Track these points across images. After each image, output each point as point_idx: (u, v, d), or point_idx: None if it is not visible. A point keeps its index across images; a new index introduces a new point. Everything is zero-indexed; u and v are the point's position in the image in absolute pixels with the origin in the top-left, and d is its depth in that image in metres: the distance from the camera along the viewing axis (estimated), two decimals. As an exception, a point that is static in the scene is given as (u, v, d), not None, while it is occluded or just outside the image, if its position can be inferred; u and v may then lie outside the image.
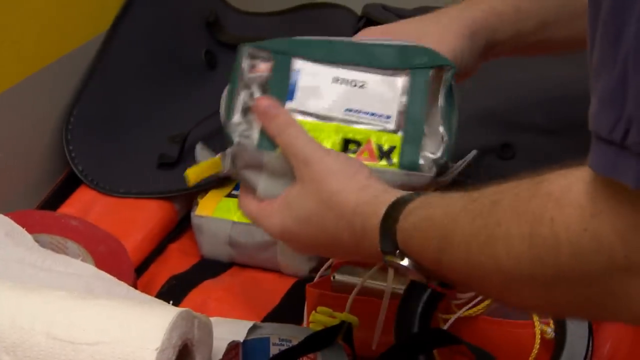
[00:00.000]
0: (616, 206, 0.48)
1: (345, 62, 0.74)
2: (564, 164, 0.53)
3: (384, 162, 0.72)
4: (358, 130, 0.73)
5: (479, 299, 0.81)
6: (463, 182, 1.01)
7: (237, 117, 0.74)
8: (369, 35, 0.80)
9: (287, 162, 0.72)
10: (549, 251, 0.51)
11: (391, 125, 0.73)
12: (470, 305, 0.80)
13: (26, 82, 1.03)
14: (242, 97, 0.74)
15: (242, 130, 0.74)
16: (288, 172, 0.72)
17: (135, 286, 0.89)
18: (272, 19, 1.32)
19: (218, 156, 0.75)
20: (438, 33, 0.78)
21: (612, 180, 0.48)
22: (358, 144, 0.73)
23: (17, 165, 1.04)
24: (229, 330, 0.81)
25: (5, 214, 0.89)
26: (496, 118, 1.04)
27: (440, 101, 0.73)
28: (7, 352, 0.68)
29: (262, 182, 0.73)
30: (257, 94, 0.74)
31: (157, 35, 1.21)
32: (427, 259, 0.61)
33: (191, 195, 1.06)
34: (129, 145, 1.12)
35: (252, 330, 0.80)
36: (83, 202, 1.05)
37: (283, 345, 0.79)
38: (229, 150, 0.73)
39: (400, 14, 1.19)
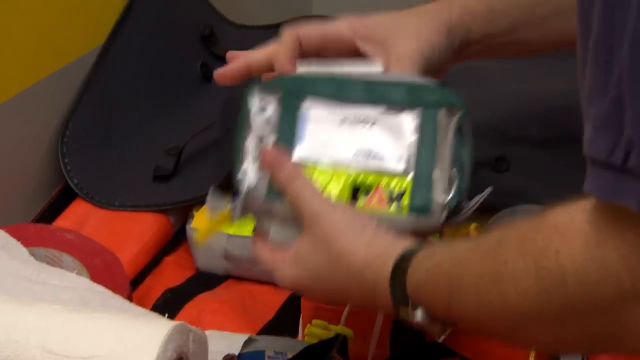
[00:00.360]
0: (620, 232, 0.48)
1: (354, 100, 0.72)
2: (568, 197, 0.53)
3: (394, 208, 0.71)
4: (367, 174, 0.71)
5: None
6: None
7: (246, 164, 0.73)
8: (348, 24, 0.78)
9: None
10: (556, 283, 0.51)
11: (401, 166, 0.71)
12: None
13: (22, 95, 1.03)
14: (251, 142, 0.73)
15: (252, 178, 0.73)
16: (298, 220, 0.71)
17: (130, 299, 0.89)
18: (267, 32, 1.32)
19: (228, 209, 0.74)
20: (417, 28, 0.77)
21: (614, 206, 0.48)
22: (368, 189, 0.71)
23: (12, 178, 1.04)
24: (224, 343, 0.81)
25: (1, 227, 0.89)
26: (491, 131, 1.04)
27: (451, 141, 0.71)
28: (1, 365, 0.68)
29: (273, 230, 0.72)
30: (266, 138, 0.73)
31: (152, 48, 1.21)
32: (438, 306, 0.62)
33: (187, 208, 1.06)
34: (124, 158, 1.12)
35: (247, 343, 0.80)
36: (78, 215, 1.05)
37: (278, 358, 0.79)
38: (239, 199, 0.73)
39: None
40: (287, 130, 0.72)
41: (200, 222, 0.77)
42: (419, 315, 0.63)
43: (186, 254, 1.05)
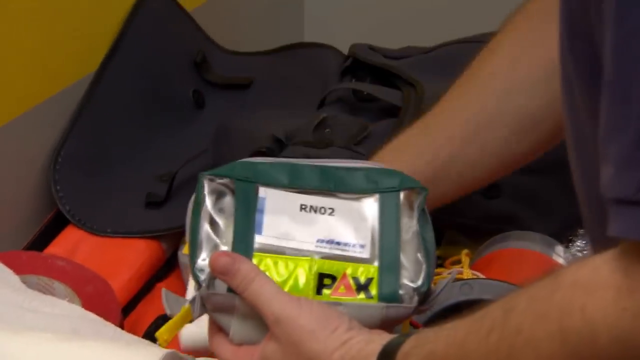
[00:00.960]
0: None
1: (311, 187, 0.69)
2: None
3: (362, 296, 0.67)
4: (332, 263, 0.68)
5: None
6: (449, 220, 1.01)
7: (202, 257, 0.68)
8: None
9: None
10: (585, 343, 0.47)
11: (366, 254, 0.68)
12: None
13: (14, 122, 1.03)
14: (205, 234, 0.68)
15: (209, 273, 0.67)
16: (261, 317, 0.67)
17: (122, 326, 0.88)
18: (259, 58, 1.33)
19: (187, 306, 0.68)
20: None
21: None
22: (334, 278, 0.67)
23: (4, 205, 1.04)
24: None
25: (-8, 255, 0.89)
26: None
27: (414, 226, 0.69)
28: (-8, 395, 0.68)
29: (234, 326, 0.67)
30: (221, 229, 0.68)
31: (145, 75, 1.21)
32: None
33: (179, 234, 1.06)
34: (116, 184, 1.12)
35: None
36: (70, 242, 1.05)
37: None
38: (197, 294, 0.67)
39: (387, 54, 1.21)
40: (243, 221, 0.68)
41: (160, 330, 0.72)
42: None
43: (178, 280, 1.05)
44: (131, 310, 1.01)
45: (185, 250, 1.02)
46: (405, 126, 0.84)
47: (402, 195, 0.69)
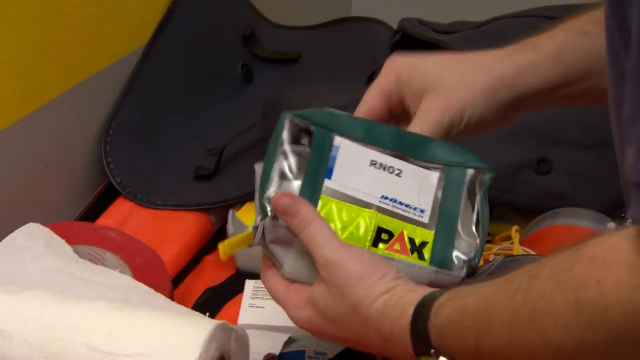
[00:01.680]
0: None
1: (384, 146, 0.71)
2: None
3: (415, 256, 0.69)
4: (391, 220, 0.70)
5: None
6: (499, 196, 1.01)
7: (273, 189, 0.70)
8: (394, 66, 0.75)
9: None
10: (599, 315, 0.49)
11: (425, 219, 0.70)
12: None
13: (66, 95, 1.04)
14: (279, 168, 0.71)
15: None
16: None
17: (171, 298, 0.89)
18: (307, 33, 1.33)
19: (250, 229, 0.71)
20: (454, 82, 0.72)
21: None
22: (391, 234, 0.70)
23: (56, 177, 1.05)
24: (265, 342, 0.81)
25: (45, 225, 0.90)
26: (533, 133, 1.03)
27: (477, 205, 0.71)
28: (47, 362, 0.69)
29: (289, 260, 0.70)
30: (294, 167, 0.71)
31: (194, 49, 1.22)
32: (465, 351, 0.58)
33: (227, 207, 1.07)
34: (166, 157, 1.13)
35: (287, 343, 0.80)
36: (121, 214, 1.06)
37: (318, 358, 0.79)
38: (261, 223, 0.70)
39: (437, 29, 1.20)
40: (317, 163, 0.71)
41: (223, 242, 0.74)
42: None
43: (227, 253, 1.06)
44: (180, 283, 1.02)
45: (238, 214, 1.02)
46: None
47: (469, 172, 0.72)
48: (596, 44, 0.71)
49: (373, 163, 0.71)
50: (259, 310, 0.92)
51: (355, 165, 0.71)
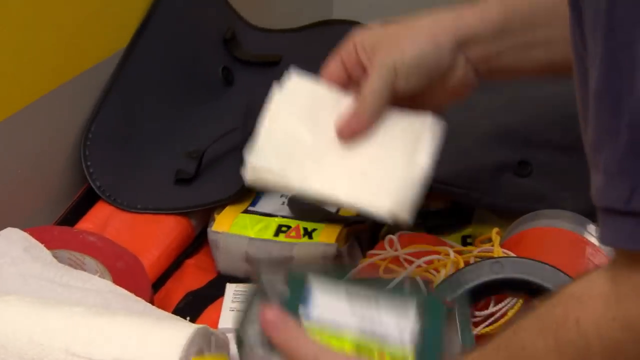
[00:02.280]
0: None
1: (358, 286, 0.73)
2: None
3: None
4: (372, 343, 0.70)
5: (497, 316, 0.80)
6: (479, 198, 1.01)
7: (251, 330, 0.71)
8: (351, 37, 0.78)
9: None
10: (581, 355, 0.48)
11: (407, 345, 0.70)
12: (488, 322, 0.80)
13: (45, 98, 1.04)
14: (258, 309, 0.72)
15: (256, 339, 0.71)
16: None
17: (152, 302, 0.89)
18: (288, 36, 1.32)
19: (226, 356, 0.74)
20: (399, 31, 0.75)
21: (634, 256, 0.45)
22: (370, 355, 0.69)
23: (35, 181, 1.04)
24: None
25: (24, 230, 0.90)
26: (513, 135, 1.03)
27: (458, 331, 0.71)
28: (26, 368, 0.69)
29: None
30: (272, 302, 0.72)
31: (174, 52, 1.21)
32: None
33: (208, 211, 1.06)
34: (146, 161, 1.13)
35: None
36: (101, 218, 1.05)
37: None
38: (240, 351, 0.71)
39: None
40: (293, 298, 0.71)
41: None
42: None
43: (207, 257, 1.06)
44: (160, 287, 1.01)
45: (214, 227, 1.02)
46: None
47: (445, 304, 0.72)
48: (514, 10, 0.73)
49: (351, 295, 0.72)
50: None
51: (333, 298, 0.71)
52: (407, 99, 0.77)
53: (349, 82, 0.78)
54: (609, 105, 0.46)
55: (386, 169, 0.76)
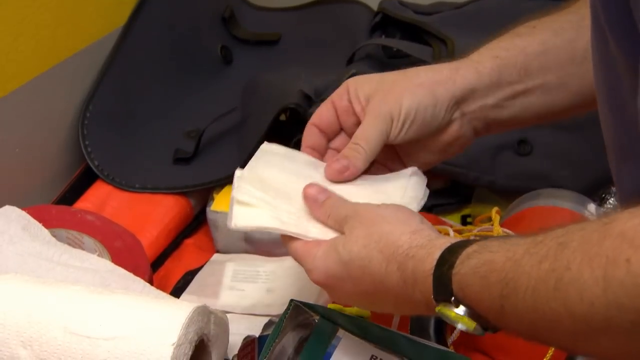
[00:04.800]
0: None
1: (382, 345, 0.73)
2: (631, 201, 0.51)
3: None
4: None
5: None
6: (479, 178, 1.01)
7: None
8: (345, 83, 0.77)
9: None
10: (627, 294, 0.48)
11: None
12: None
13: (42, 77, 1.03)
14: (277, 350, 0.73)
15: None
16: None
17: (151, 281, 0.89)
18: (287, 14, 1.32)
19: None
20: (395, 80, 0.75)
21: None
22: None
23: (33, 160, 1.04)
24: (244, 325, 0.81)
25: (22, 209, 0.89)
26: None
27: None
28: (24, 346, 0.69)
29: None
30: (292, 347, 0.74)
31: (172, 31, 1.21)
32: (487, 306, 0.57)
33: (207, 191, 1.06)
34: (144, 140, 1.12)
35: (267, 325, 0.80)
36: (99, 197, 1.05)
37: (299, 341, 0.79)
38: None
39: (417, 10, 1.19)
40: (315, 348, 0.72)
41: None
42: (461, 312, 0.58)
43: (206, 237, 1.05)
44: (159, 267, 1.01)
45: (213, 207, 1.02)
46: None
47: None
48: (530, 43, 0.74)
49: (373, 357, 0.72)
50: (239, 292, 0.92)
51: (355, 356, 0.72)
52: (397, 152, 0.78)
53: (339, 130, 0.78)
54: None
55: None
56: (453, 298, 0.59)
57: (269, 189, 0.73)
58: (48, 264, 0.83)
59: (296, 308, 0.75)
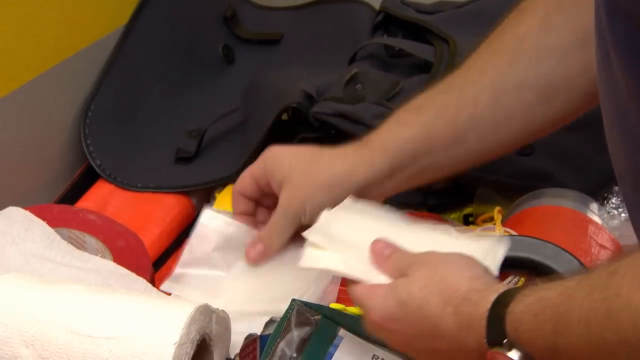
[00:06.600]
0: None
1: (382, 345, 0.72)
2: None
3: None
4: None
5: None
6: (481, 177, 1.00)
7: None
8: (265, 155, 0.85)
9: None
10: None
11: None
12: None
13: (44, 76, 1.03)
14: (281, 348, 0.74)
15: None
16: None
17: (152, 281, 0.89)
18: (289, 13, 1.32)
19: None
20: (300, 179, 0.82)
21: None
22: None
23: (35, 159, 1.04)
24: (246, 324, 0.81)
25: (24, 208, 0.89)
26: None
27: None
28: (26, 345, 0.69)
29: None
30: (294, 347, 0.74)
31: (174, 30, 1.21)
32: (540, 345, 0.55)
33: (209, 190, 1.06)
34: (146, 139, 1.12)
35: (269, 324, 0.79)
36: (101, 197, 1.05)
37: (301, 340, 0.79)
38: None
39: (419, 9, 1.19)
40: (317, 348, 0.73)
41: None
42: (515, 357, 0.56)
43: (208, 236, 1.05)
44: (161, 266, 1.01)
45: (215, 206, 1.02)
46: (433, 83, 0.84)
47: None
48: (415, 130, 0.80)
49: (375, 357, 0.72)
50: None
51: (357, 356, 0.72)
52: None
53: (262, 196, 0.87)
54: None
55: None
56: (506, 340, 0.57)
57: (341, 239, 0.74)
58: (50, 264, 0.83)
59: (298, 307, 0.75)
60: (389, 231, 0.73)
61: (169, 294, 0.84)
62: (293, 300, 0.76)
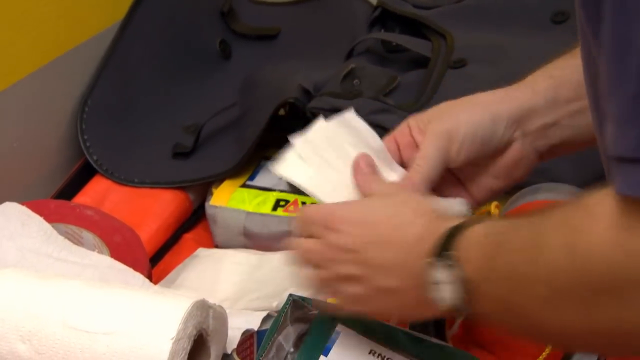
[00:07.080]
0: None
1: (379, 340, 0.73)
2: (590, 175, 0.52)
3: None
4: None
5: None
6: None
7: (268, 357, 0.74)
8: (417, 118, 0.77)
9: None
10: (584, 263, 0.50)
11: None
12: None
13: (41, 71, 1.03)
14: (277, 342, 0.74)
15: None
16: None
17: (150, 276, 0.89)
18: (286, 9, 1.31)
19: None
20: (452, 105, 0.76)
21: None
22: None
23: (32, 154, 1.04)
24: (243, 319, 0.81)
25: (21, 203, 0.89)
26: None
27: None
28: (22, 340, 0.69)
29: None
30: (291, 342, 0.74)
31: (171, 25, 1.20)
32: (477, 267, 0.57)
33: (206, 185, 1.06)
34: (143, 134, 1.12)
35: (266, 319, 0.80)
36: (98, 192, 1.05)
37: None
38: None
39: (417, 4, 1.19)
40: (314, 342, 0.73)
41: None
42: (447, 277, 0.58)
43: (205, 231, 1.05)
44: (158, 261, 1.01)
45: (212, 201, 1.02)
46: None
47: None
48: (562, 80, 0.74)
49: (372, 352, 0.72)
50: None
51: (354, 351, 0.72)
52: (460, 179, 0.78)
53: (400, 161, 0.77)
54: (618, 53, 0.47)
55: None
56: (447, 252, 0.59)
57: (321, 154, 0.74)
58: (47, 259, 0.83)
59: (295, 303, 0.75)
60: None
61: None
62: (290, 295, 0.76)
